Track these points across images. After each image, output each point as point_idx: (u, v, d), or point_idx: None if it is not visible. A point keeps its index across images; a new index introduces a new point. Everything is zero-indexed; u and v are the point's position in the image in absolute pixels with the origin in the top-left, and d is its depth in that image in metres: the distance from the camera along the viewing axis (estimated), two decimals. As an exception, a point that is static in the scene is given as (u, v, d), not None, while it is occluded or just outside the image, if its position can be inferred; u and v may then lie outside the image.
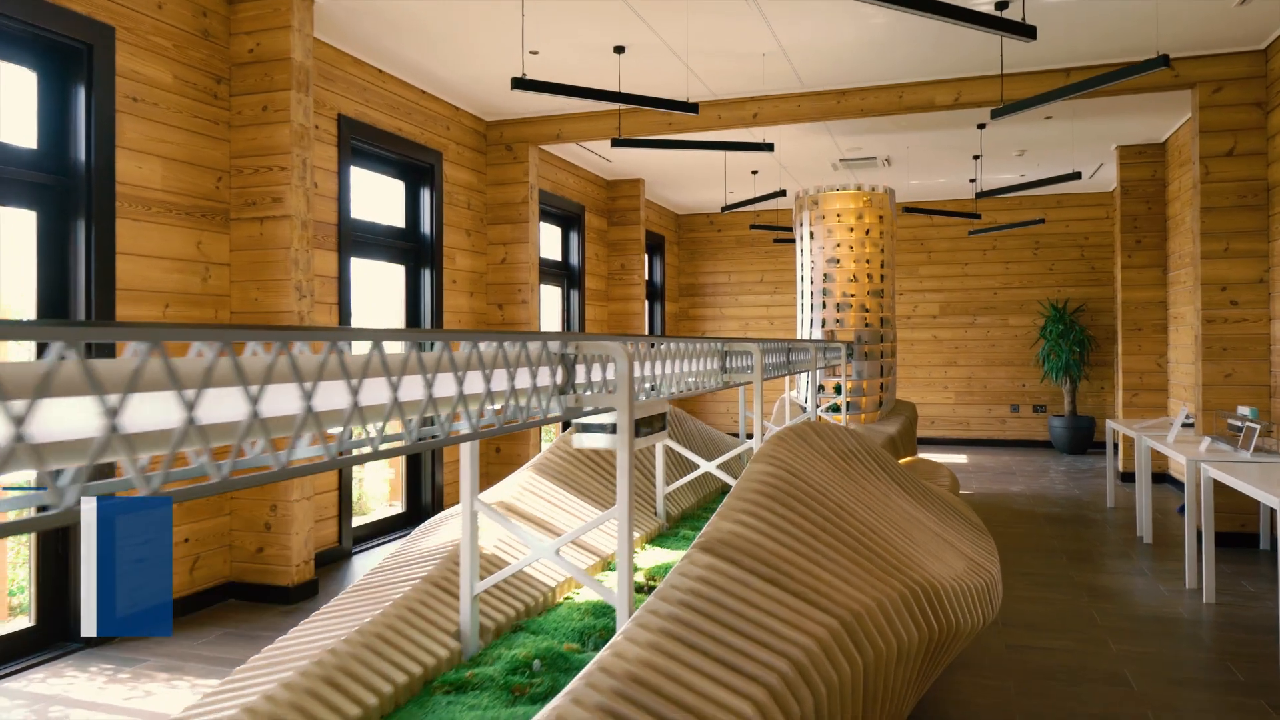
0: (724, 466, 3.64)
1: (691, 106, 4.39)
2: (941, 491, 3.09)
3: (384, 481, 6.95)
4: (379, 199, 5.80)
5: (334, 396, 1.17)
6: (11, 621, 3.61)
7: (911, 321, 10.54)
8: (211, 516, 4.23)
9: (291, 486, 4.26)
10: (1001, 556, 5.07)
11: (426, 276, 6.05)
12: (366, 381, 1.22)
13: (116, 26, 3.72)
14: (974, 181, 9.26)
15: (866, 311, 6.44)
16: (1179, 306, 7.10)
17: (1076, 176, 6.25)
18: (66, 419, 0.80)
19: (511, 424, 1.55)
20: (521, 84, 3.96)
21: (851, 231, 6.46)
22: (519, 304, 6.64)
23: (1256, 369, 5.23)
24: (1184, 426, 5.39)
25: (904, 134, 7.18)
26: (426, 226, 6.05)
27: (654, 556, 2.64)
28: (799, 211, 6.70)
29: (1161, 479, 7.40)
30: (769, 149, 5.40)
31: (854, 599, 1.76)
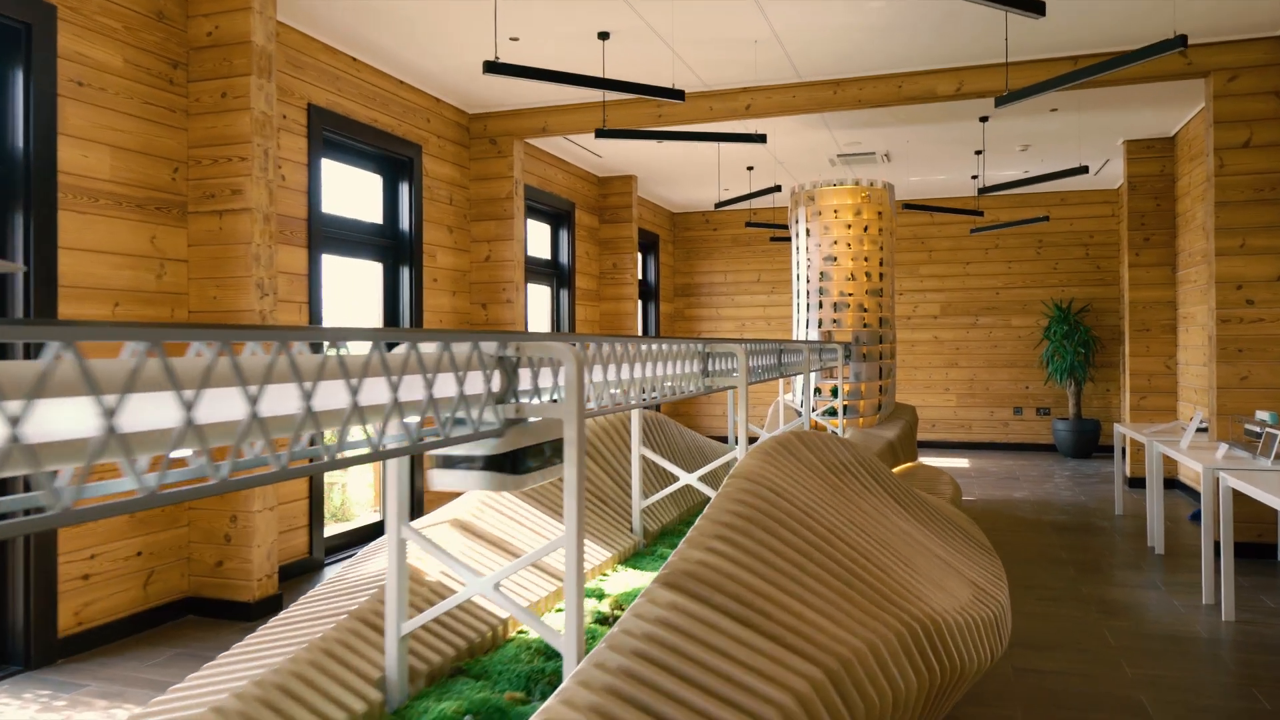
0: (710, 477, 3.39)
1: (678, 93, 4.14)
2: (943, 505, 2.84)
3: (368, 487, 6.69)
4: (354, 193, 5.55)
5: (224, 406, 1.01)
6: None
7: (912, 322, 10.29)
8: (167, 528, 3.98)
9: (253, 496, 4.00)
10: (1006, 568, 4.82)
11: (405, 275, 5.80)
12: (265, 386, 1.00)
13: (58, 5, 3.47)
14: (976, 178, 9.00)
15: (865, 311, 6.19)
16: (1189, 306, 6.84)
17: (1084, 170, 6.00)
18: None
19: (434, 441, 1.30)
20: (494, 68, 3.70)
21: (849, 228, 6.20)
22: (504, 303, 6.39)
23: (1274, 371, 4.97)
24: (1198, 432, 5.14)
25: (904, 127, 6.93)
26: (405, 222, 5.80)
27: (625, 580, 2.39)
28: (795, 208, 6.45)
29: (1170, 484, 7.15)
30: (761, 140, 5.15)
31: (843, 641, 1.51)
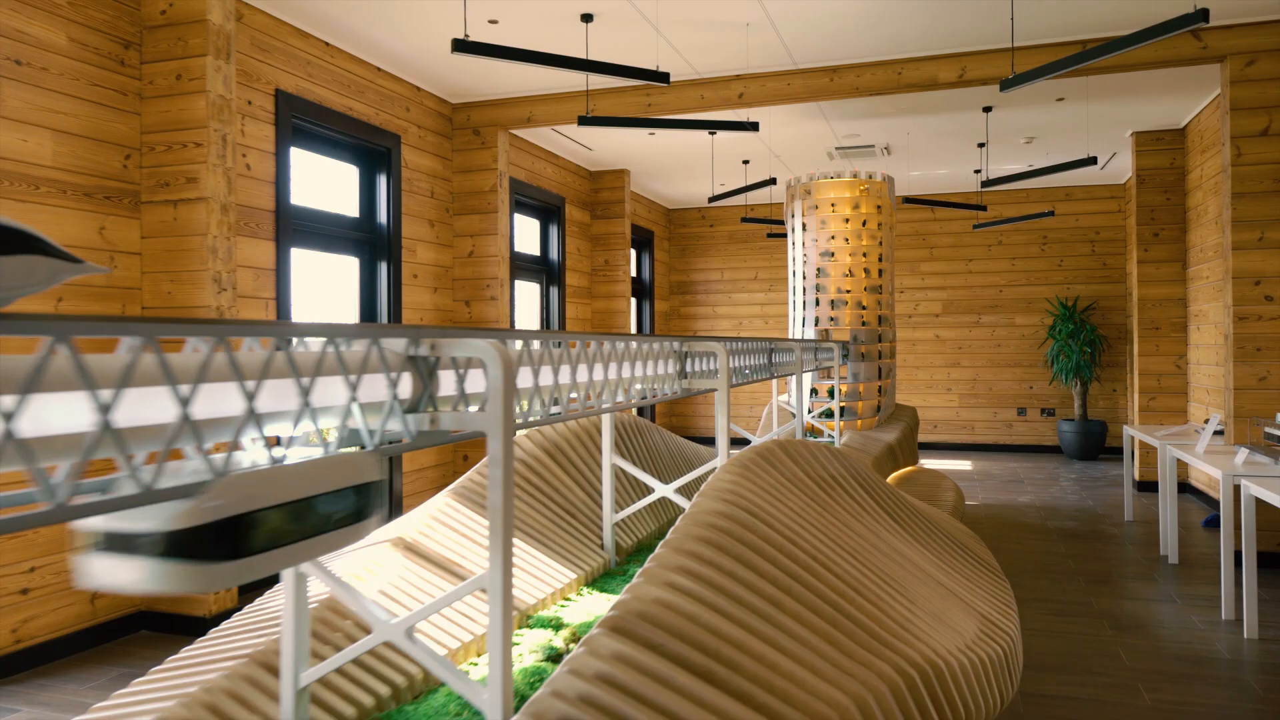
0: (688, 489, 3.15)
1: (663, 75, 3.89)
2: (945, 519, 2.59)
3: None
4: (328, 185, 5.30)
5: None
6: None
7: (912, 321, 10.03)
8: (118, 539, 3.73)
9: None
10: (1011, 579, 4.57)
11: (384, 270, 5.55)
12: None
13: (-7, -23, 3.23)
14: (979, 172, 8.74)
15: (863, 309, 5.94)
16: (1201, 304, 6.59)
17: (1092, 161, 5.74)
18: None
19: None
20: (464, 46, 3.44)
21: (847, 223, 5.95)
22: (488, 300, 6.14)
23: (1294, 371, 4.72)
24: (1214, 435, 4.89)
25: (904, 119, 6.68)
26: (383, 215, 5.55)
27: (590, 606, 2.14)
28: (790, 201, 6.19)
29: (1181, 488, 6.89)
30: (754, 128, 4.90)
31: (825, 697, 1.26)
